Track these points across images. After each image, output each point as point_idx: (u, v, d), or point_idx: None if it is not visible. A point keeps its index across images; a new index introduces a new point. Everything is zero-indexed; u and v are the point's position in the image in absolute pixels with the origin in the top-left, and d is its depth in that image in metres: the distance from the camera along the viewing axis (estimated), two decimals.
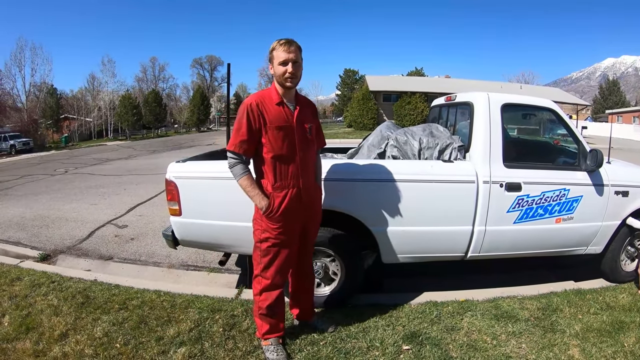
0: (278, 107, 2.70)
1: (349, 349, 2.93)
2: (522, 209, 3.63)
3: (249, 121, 2.64)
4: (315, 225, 3.04)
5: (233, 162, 2.71)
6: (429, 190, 3.49)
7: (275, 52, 2.66)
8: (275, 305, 2.87)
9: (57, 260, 5.39)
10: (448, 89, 30.65)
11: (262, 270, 2.83)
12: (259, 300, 2.86)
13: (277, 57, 2.65)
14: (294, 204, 2.76)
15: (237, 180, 2.72)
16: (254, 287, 2.89)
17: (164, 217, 7.11)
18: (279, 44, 2.65)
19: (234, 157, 2.70)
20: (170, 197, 3.49)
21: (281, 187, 2.73)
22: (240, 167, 2.70)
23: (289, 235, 2.80)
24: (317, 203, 3.00)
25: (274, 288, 2.85)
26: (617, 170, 4.01)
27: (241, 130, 2.64)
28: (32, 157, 27.02)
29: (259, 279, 2.86)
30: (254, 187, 2.71)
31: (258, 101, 2.67)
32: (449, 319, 3.38)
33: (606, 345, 3.00)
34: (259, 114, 2.65)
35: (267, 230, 2.76)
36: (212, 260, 5.10)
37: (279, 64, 2.65)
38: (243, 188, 2.73)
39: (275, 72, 2.69)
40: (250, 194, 2.72)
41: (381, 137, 4.11)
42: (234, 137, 2.68)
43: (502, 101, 3.71)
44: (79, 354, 2.87)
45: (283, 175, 2.73)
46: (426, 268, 4.16)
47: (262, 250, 2.80)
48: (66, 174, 15.15)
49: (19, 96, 45.91)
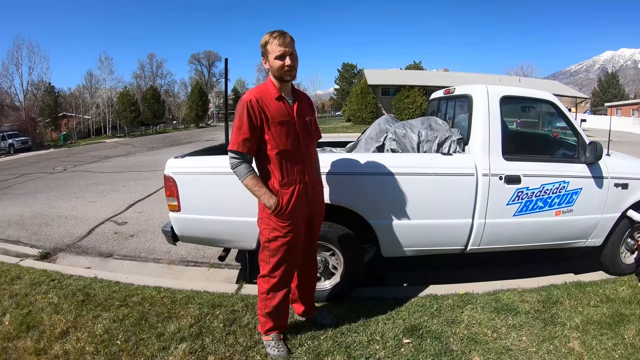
0: (278, 102, 2.63)
1: (349, 342, 2.93)
2: (521, 202, 3.63)
3: (250, 118, 2.54)
4: (320, 219, 3.01)
5: (236, 162, 2.61)
6: (428, 184, 3.48)
7: (270, 46, 2.58)
8: (282, 304, 2.84)
9: (57, 258, 5.39)
10: (447, 82, 30.50)
11: (271, 270, 2.76)
12: (265, 299, 2.81)
13: (272, 51, 2.57)
14: (302, 200, 2.73)
15: (242, 180, 2.62)
16: (261, 286, 2.83)
17: (163, 214, 7.10)
18: (272, 37, 2.56)
19: (236, 156, 2.60)
20: (169, 193, 3.48)
21: (289, 184, 2.68)
22: (244, 167, 2.60)
23: (297, 232, 2.74)
24: (320, 197, 2.97)
25: (282, 287, 2.81)
26: (616, 163, 4.00)
27: (243, 128, 2.55)
28: (30, 156, 26.98)
29: (266, 278, 2.79)
30: (261, 185, 2.63)
31: (258, 97, 2.57)
32: (449, 312, 3.38)
33: (606, 337, 3.00)
34: (260, 110, 2.56)
35: (276, 229, 2.68)
36: (212, 256, 5.10)
37: (276, 57, 2.57)
38: (249, 188, 2.64)
39: (271, 66, 2.60)
40: (258, 194, 2.63)
41: (380, 131, 4.10)
42: (235, 135, 2.58)
43: (501, 94, 3.69)
44: (80, 352, 2.87)
45: (289, 171, 2.68)
46: (426, 261, 4.16)
47: (270, 250, 2.72)
48: (65, 171, 15.14)
49: (16, 95, 45.88)
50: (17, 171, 16.27)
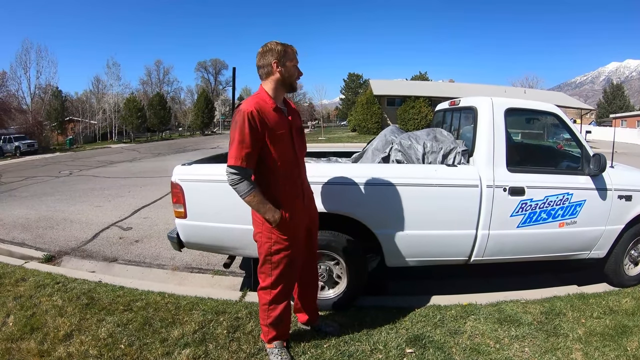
0: (276, 112, 2.60)
1: (352, 351, 2.94)
2: (525, 213, 3.64)
3: (252, 130, 2.46)
4: (316, 227, 3.02)
5: (237, 179, 2.50)
6: (432, 194, 3.50)
7: (288, 55, 2.63)
8: (284, 314, 2.84)
9: (62, 261, 5.42)
10: (452, 93, 30.67)
11: (273, 283, 2.74)
12: (267, 310, 2.80)
13: (292, 59, 2.64)
14: (302, 210, 2.75)
15: (245, 198, 2.52)
16: (262, 298, 2.81)
17: (168, 220, 7.14)
18: (289, 47, 2.65)
19: (236, 172, 2.49)
20: (175, 200, 3.51)
21: (290, 195, 2.68)
22: (245, 184, 2.50)
23: (298, 242, 2.75)
24: (314, 205, 3.00)
25: (283, 299, 2.81)
26: (620, 175, 4.01)
27: (245, 142, 2.45)
28: (36, 159, 27.15)
29: (268, 290, 2.77)
30: (265, 202, 2.56)
31: (258, 108, 2.50)
32: (452, 322, 3.38)
33: (609, 349, 3.00)
34: (261, 121, 2.49)
35: (278, 242, 2.66)
36: (217, 263, 5.12)
37: (294, 66, 2.66)
38: (253, 205, 2.57)
39: (288, 73, 2.64)
40: (262, 210, 2.57)
41: (385, 142, 4.13)
42: (237, 149, 2.47)
43: (505, 105, 3.72)
44: (84, 355, 2.89)
45: (290, 182, 2.68)
46: (430, 272, 4.17)
47: (272, 262, 2.69)
48: (70, 175, 15.23)
49: (24, 98, 46.09)
50: (23, 174, 16.39)
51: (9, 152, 32.85)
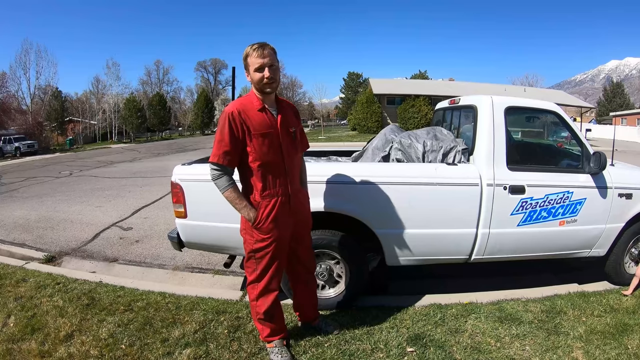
0: (260, 113, 2.63)
1: (353, 350, 2.94)
2: (525, 212, 3.64)
3: (231, 130, 2.55)
4: (306, 229, 3.01)
5: (217, 174, 2.62)
6: (433, 193, 3.50)
7: (250, 58, 2.59)
8: (273, 309, 2.85)
9: (62, 261, 5.43)
10: (452, 92, 30.71)
11: (258, 277, 2.79)
12: (255, 306, 2.84)
13: (252, 64, 2.58)
14: (283, 211, 2.73)
15: (223, 192, 2.64)
16: (250, 293, 2.86)
17: (168, 220, 7.15)
18: (252, 49, 2.57)
19: (217, 168, 2.61)
20: (175, 200, 3.51)
21: (270, 196, 2.69)
22: (224, 180, 2.62)
23: (280, 243, 2.75)
24: (305, 207, 2.98)
25: (269, 292, 2.83)
26: (620, 173, 4.00)
27: (224, 141, 2.56)
28: (36, 160, 27.17)
29: (253, 285, 2.82)
30: (241, 199, 2.66)
31: (239, 109, 2.58)
32: (453, 321, 3.38)
33: (610, 347, 3.00)
34: (241, 122, 2.57)
35: (259, 241, 2.71)
36: (217, 263, 5.12)
37: (255, 70, 2.58)
38: (230, 201, 2.66)
39: (252, 79, 2.62)
40: (238, 207, 2.67)
41: (385, 141, 4.13)
42: (216, 147, 2.59)
43: (505, 104, 3.71)
44: (85, 355, 2.90)
45: (271, 183, 2.69)
46: (430, 270, 4.17)
47: (256, 258, 2.76)
48: (71, 176, 15.24)
49: (23, 99, 46.30)
50: (23, 174, 16.40)
51: (9, 152, 32.86)
